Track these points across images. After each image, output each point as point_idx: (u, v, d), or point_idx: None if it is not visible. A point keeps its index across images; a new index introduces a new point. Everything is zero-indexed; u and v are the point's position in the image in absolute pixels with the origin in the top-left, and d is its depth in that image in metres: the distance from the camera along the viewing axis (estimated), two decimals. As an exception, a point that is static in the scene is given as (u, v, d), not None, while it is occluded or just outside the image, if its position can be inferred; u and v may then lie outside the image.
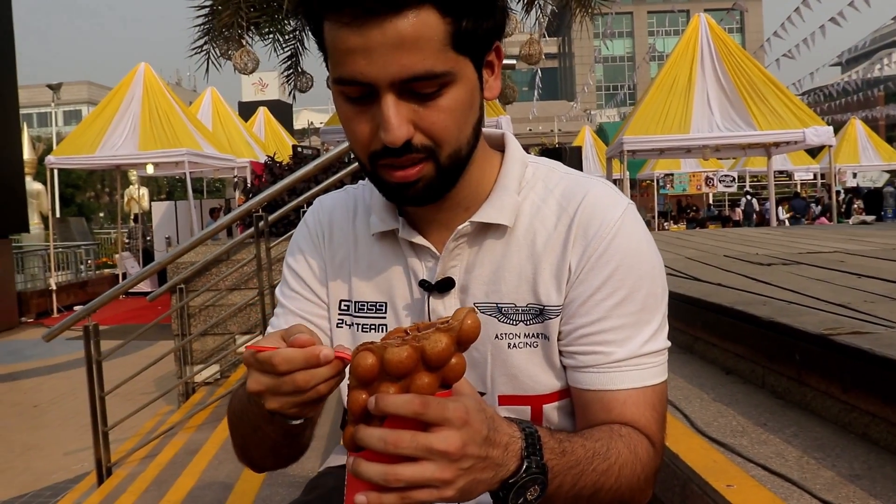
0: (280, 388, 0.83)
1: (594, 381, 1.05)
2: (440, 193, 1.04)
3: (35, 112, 59.16)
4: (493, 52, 1.05)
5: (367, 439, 0.76)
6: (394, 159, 0.97)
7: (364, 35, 0.90)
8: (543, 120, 49.47)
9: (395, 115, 0.93)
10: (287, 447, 1.07)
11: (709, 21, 13.54)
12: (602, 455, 0.96)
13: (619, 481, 0.97)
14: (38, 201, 19.57)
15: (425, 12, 0.91)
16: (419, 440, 0.76)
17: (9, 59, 13.81)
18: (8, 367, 9.56)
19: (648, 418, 1.04)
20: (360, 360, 0.77)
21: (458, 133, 0.99)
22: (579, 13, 10.54)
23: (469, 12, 0.95)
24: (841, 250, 5.01)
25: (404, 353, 0.76)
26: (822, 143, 12.97)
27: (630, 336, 1.05)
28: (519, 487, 0.84)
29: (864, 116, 28.62)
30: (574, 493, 0.93)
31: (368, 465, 0.77)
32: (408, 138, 0.95)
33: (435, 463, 0.76)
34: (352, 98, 0.98)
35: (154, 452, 4.71)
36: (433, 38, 0.92)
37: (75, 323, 4.76)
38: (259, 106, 25.61)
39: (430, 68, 0.92)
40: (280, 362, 0.81)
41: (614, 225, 1.06)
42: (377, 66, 0.91)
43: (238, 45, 9.48)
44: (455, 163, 1.01)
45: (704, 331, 2.86)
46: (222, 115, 19.50)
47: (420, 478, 0.76)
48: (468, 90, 0.99)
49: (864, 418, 1.79)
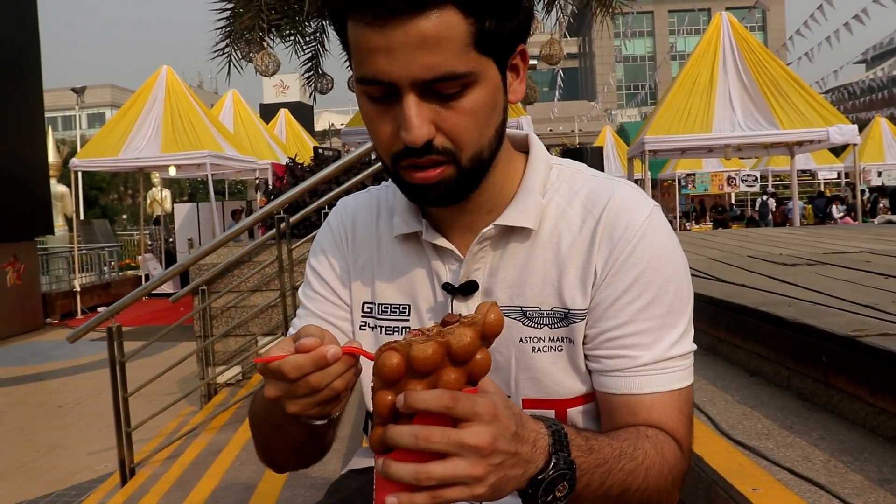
0: (296, 392, 0.84)
1: (621, 385, 1.04)
2: (462, 195, 1.04)
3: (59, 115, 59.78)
4: (518, 56, 1.04)
5: (399, 437, 0.76)
6: (415, 159, 0.97)
7: (386, 34, 0.90)
8: (564, 120, 49.35)
9: (416, 115, 0.93)
10: (311, 447, 1.08)
11: (730, 19, 13.43)
12: (629, 455, 0.95)
13: (647, 482, 0.96)
14: (62, 203, 19.76)
15: (448, 12, 0.90)
16: (451, 435, 0.75)
17: (35, 64, 13.97)
18: (33, 368, 9.67)
19: (676, 421, 1.03)
20: (384, 360, 0.76)
21: (479, 136, 0.98)
22: (600, 13, 10.49)
23: (492, 12, 0.94)
24: (867, 250, 4.96)
25: (430, 349, 0.75)
26: (846, 141, 12.83)
27: (657, 339, 1.03)
28: (548, 484, 0.83)
29: (889, 114, 28.27)
30: (602, 493, 0.92)
31: (399, 465, 0.76)
32: (429, 139, 0.95)
33: (466, 459, 0.76)
34: (374, 98, 0.97)
35: (177, 453, 4.74)
36: (455, 38, 0.91)
37: (99, 324, 4.81)
38: (280, 108, 25.73)
39: (452, 69, 0.92)
40: (290, 370, 0.82)
41: (640, 227, 1.05)
42: (399, 65, 0.91)
43: (259, 47, 9.52)
44: (477, 165, 1.00)
45: (728, 332, 2.84)
46: (244, 116, 19.61)
47: (452, 475, 0.76)
48: (491, 92, 0.98)
49: (892, 421, 1.76)
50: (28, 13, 13.87)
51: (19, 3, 13.54)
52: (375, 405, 0.78)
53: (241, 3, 9.54)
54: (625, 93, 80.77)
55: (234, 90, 20.08)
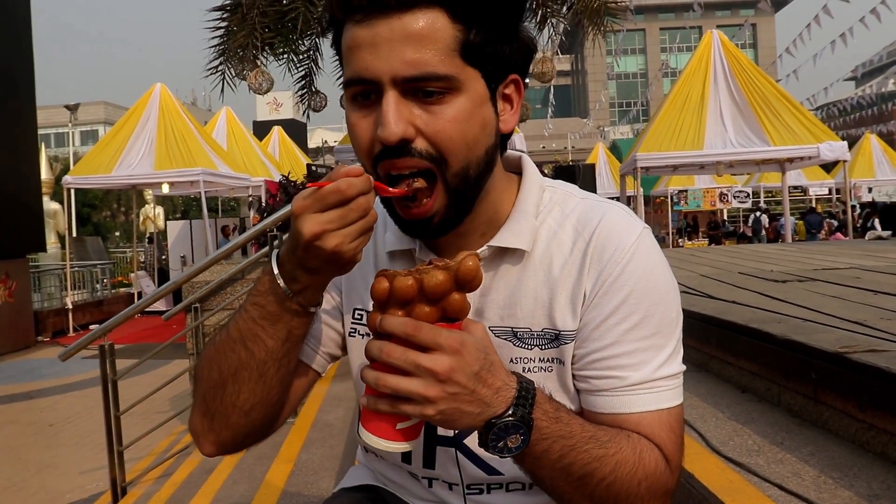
0: (347, 217, 0.91)
1: (608, 405, 1.04)
2: (456, 222, 1.04)
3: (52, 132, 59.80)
4: (512, 85, 1.05)
5: (370, 348, 0.87)
6: (393, 160, 0.97)
7: (372, 29, 0.94)
8: (557, 137, 49.50)
9: (393, 111, 0.94)
10: (277, 364, 1.05)
11: (721, 37, 13.54)
12: (601, 442, 0.96)
13: (615, 475, 0.96)
14: (55, 221, 19.71)
15: (435, 13, 0.93)
16: (409, 355, 0.85)
17: (28, 81, 13.97)
18: (24, 386, 9.60)
19: (664, 438, 1.03)
20: (376, 285, 0.88)
21: (466, 149, 0.98)
22: (592, 31, 10.56)
23: (480, 23, 0.96)
24: (857, 266, 4.99)
25: (408, 282, 0.87)
26: (836, 158, 12.92)
27: (644, 360, 1.04)
28: (499, 430, 0.88)
29: (878, 131, 28.45)
30: (562, 466, 0.94)
31: (369, 370, 0.88)
32: (405, 137, 0.95)
33: (421, 379, 0.85)
34: (358, 99, 0.99)
35: (169, 472, 4.72)
36: (440, 39, 0.93)
37: (91, 343, 4.79)
38: (273, 125, 25.78)
39: (434, 68, 0.93)
40: (347, 186, 0.90)
41: (629, 249, 1.05)
42: (381, 59, 0.93)
43: (253, 65, 9.54)
44: (465, 184, 1.01)
45: (719, 349, 2.85)
46: (237, 134, 19.64)
47: (403, 388, 0.85)
48: (476, 104, 0.98)
49: (881, 437, 1.78)
50: (22, 30, 13.89)
51: (13, 21, 13.56)
52: (368, 321, 0.90)
53: (235, 21, 9.57)
54: (617, 110, 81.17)
55: (227, 107, 20.11)
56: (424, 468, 1.17)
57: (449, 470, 1.14)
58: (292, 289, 0.99)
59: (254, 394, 1.06)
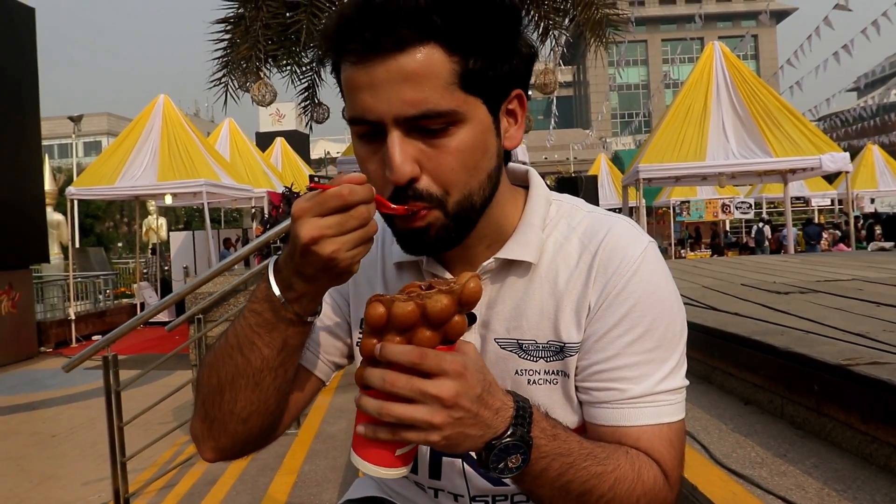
0: (345, 224, 0.88)
1: (608, 417, 1.05)
2: (455, 242, 1.04)
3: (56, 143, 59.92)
4: (515, 101, 1.05)
5: (370, 377, 0.85)
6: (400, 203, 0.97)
7: (369, 72, 0.93)
8: (559, 148, 49.55)
9: (399, 153, 0.94)
10: (274, 373, 1.04)
11: (723, 49, 13.58)
12: (599, 458, 0.97)
13: (614, 492, 0.97)
14: (58, 231, 19.73)
15: (430, 49, 0.92)
16: (414, 383, 0.83)
17: (33, 93, 14.01)
18: (27, 397, 9.60)
19: (663, 452, 1.03)
20: (371, 310, 0.86)
21: (467, 178, 0.98)
22: (594, 42, 10.60)
23: (478, 52, 0.95)
24: (859, 278, 4.99)
25: (408, 307, 0.84)
26: (838, 169, 12.93)
27: (646, 373, 1.04)
28: (500, 451, 0.88)
29: (881, 141, 28.47)
30: (562, 485, 0.94)
31: (369, 399, 0.86)
32: (412, 177, 0.95)
33: (427, 406, 0.84)
34: (363, 137, 0.99)
35: (172, 483, 4.72)
36: (438, 75, 0.93)
37: (95, 353, 4.79)
38: (276, 136, 25.84)
39: (435, 105, 0.93)
40: (349, 193, 0.87)
41: (634, 262, 1.06)
42: (381, 101, 0.93)
43: (256, 77, 9.58)
44: (466, 211, 1.01)
45: (722, 361, 2.86)
46: (240, 145, 19.69)
47: (409, 416, 0.84)
48: (479, 133, 0.98)
49: (885, 450, 1.78)
50: (27, 42, 13.95)
51: (18, 32, 13.63)
52: (362, 348, 0.88)
53: (239, 33, 9.62)
54: (619, 121, 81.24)
55: (230, 119, 20.15)
56: (430, 479, 1.17)
57: (455, 481, 1.15)
58: (287, 297, 0.97)
59: (250, 402, 1.05)
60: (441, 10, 0.92)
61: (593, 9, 10.08)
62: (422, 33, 0.92)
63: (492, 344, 1.10)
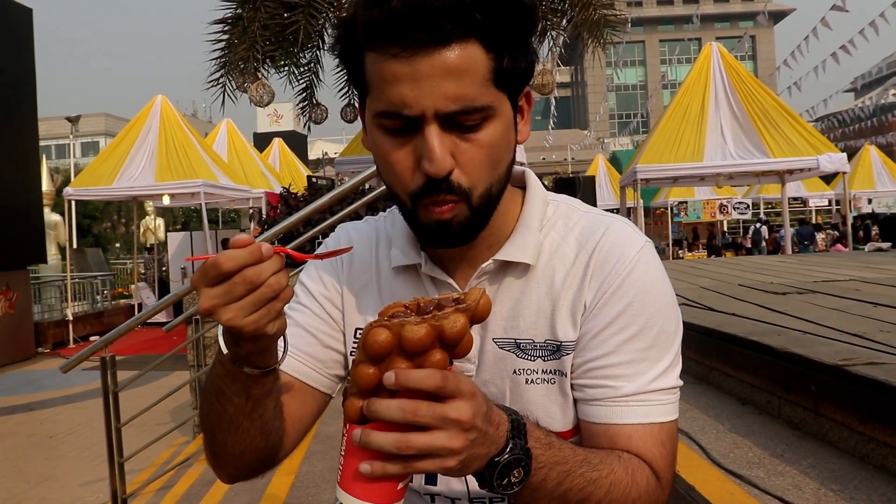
0: (233, 292, 0.84)
1: (601, 415, 1.05)
2: (473, 234, 1.04)
3: (53, 144, 59.82)
4: (524, 97, 1.07)
5: (386, 411, 0.79)
6: (434, 198, 0.97)
7: (412, 64, 0.92)
8: (557, 148, 49.56)
9: (439, 145, 0.94)
10: (249, 418, 1.03)
11: (720, 50, 13.60)
12: (593, 464, 0.96)
13: (610, 497, 0.97)
14: (55, 232, 19.71)
15: (471, 46, 0.93)
16: (436, 409, 0.79)
17: (30, 94, 14.01)
18: (24, 398, 9.60)
19: (655, 453, 1.03)
20: (374, 337, 0.79)
21: (491, 171, 1.00)
22: (591, 43, 10.61)
23: (510, 49, 0.97)
24: (856, 278, 4.99)
25: (423, 331, 0.79)
26: (835, 169, 12.95)
27: (639, 372, 1.04)
28: (503, 467, 0.86)
29: (878, 142, 28.51)
30: (560, 494, 0.94)
31: (380, 434, 0.79)
32: (451, 170, 0.96)
33: (447, 432, 0.79)
34: (393, 131, 0.98)
35: (170, 484, 4.72)
36: (478, 71, 0.94)
37: (93, 354, 4.79)
38: (274, 137, 25.84)
39: (473, 101, 0.94)
40: (226, 261, 0.83)
41: (630, 261, 1.06)
42: (424, 94, 0.93)
43: (254, 77, 9.58)
44: (486, 202, 1.01)
45: (719, 361, 2.86)
46: (238, 146, 19.68)
47: (431, 446, 0.79)
48: (505, 127, 1.00)
49: (881, 450, 1.78)
50: (24, 43, 13.94)
51: (16, 33, 13.62)
52: (357, 377, 0.81)
53: (236, 34, 9.62)
54: (617, 121, 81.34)
55: (228, 119, 20.16)
56: (426, 485, 1.17)
57: (451, 485, 1.15)
58: (235, 354, 0.94)
59: (237, 442, 1.06)
60: (481, 7, 0.93)
61: (591, 9, 10.10)
62: (464, 29, 0.92)
63: (490, 344, 1.10)
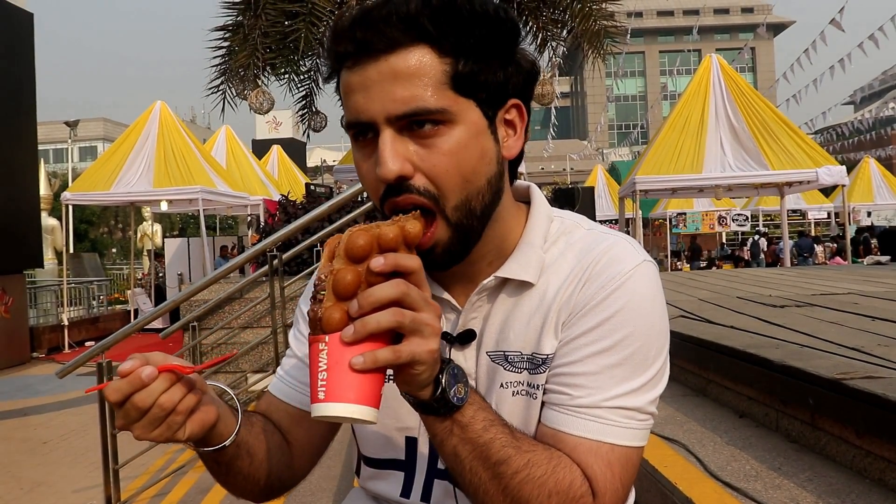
0: (129, 415, 0.89)
1: (551, 419, 1.03)
2: (461, 256, 1.04)
3: (51, 148, 59.85)
4: (514, 111, 1.05)
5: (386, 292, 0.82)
6: (394, 198, 0.98)
7: (362, 73, 0.96)
8: (556, 158, 49.63)
9: (388, 150, 0.95)
10: (224, 476, 1.10)
11: (720, 61, 13.62)
12: (515, 434, 0.95)
13: (528, 472, 0.94)
14: (52, 237, 19.71)
15: (420, 50, 0.95)
16: (417, 317, 0.83)
17: (29, 98, 14.01)
18: (19, 403, 9.56)
19: (597, 471, 0.98)
20: (355, 240, 0.83)
21: (462, 181, 0.98)
22: (591, 53, 10.64)
23: (468, 54, 0.97)
24: (855, 292, 4.99)
25: (396, 229, 0.85)
26: (834, 182, 12.96)
27: (601, 386, 1.01)
28: (450, 375, 0.88)
29: (877, 155, 28.56)
30: (484, 442, 0.92)
31: (382, 350, 0.82)
32: (401, 174, 0.95)
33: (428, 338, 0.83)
34: (359, 140, 1.01)
35: (164, 491, 4.70)
36: (428, 75, 0.95)
37: (89, 360, 4.78)
38: (273, 144, 25.86)
39: (425, 103, 0.94)
40: (110, 394, 0.88)
41: (622, 277, 1.04)
42: (373, 100, 0.95)
43: (254, 85, 9.60)
44: (468, 217, 1.00)
45: (717, 374, 2.85)
46: (236, 152, 19.69)
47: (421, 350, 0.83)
48: (472, 135, 0.99)
49: (879, 464, 1.77)
50: (25, 47, 13.95)
51: (16, 37, 13.64)
52: (339, 284, 0.83)
53: (237, 41, 9.65)
54: (616, 132, 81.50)
55: (227, 126, 20.16)
56: (422, 501, 1.16)
57: (445, 502, 1.14)
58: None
59: (234, 484, 1.12)
60: (431, 15, 0.95)
61: (591, 20, 10.14)
62: (412, 35, 0.94)
63: (483, 357, 1.10)
